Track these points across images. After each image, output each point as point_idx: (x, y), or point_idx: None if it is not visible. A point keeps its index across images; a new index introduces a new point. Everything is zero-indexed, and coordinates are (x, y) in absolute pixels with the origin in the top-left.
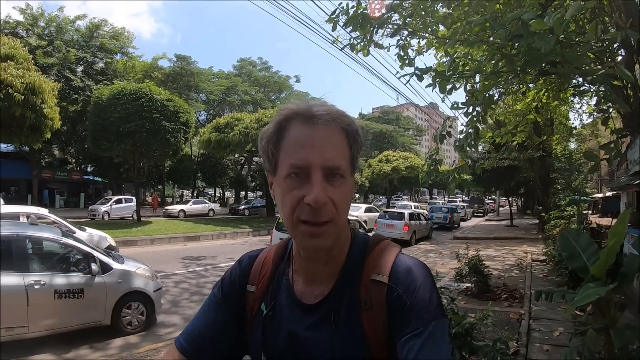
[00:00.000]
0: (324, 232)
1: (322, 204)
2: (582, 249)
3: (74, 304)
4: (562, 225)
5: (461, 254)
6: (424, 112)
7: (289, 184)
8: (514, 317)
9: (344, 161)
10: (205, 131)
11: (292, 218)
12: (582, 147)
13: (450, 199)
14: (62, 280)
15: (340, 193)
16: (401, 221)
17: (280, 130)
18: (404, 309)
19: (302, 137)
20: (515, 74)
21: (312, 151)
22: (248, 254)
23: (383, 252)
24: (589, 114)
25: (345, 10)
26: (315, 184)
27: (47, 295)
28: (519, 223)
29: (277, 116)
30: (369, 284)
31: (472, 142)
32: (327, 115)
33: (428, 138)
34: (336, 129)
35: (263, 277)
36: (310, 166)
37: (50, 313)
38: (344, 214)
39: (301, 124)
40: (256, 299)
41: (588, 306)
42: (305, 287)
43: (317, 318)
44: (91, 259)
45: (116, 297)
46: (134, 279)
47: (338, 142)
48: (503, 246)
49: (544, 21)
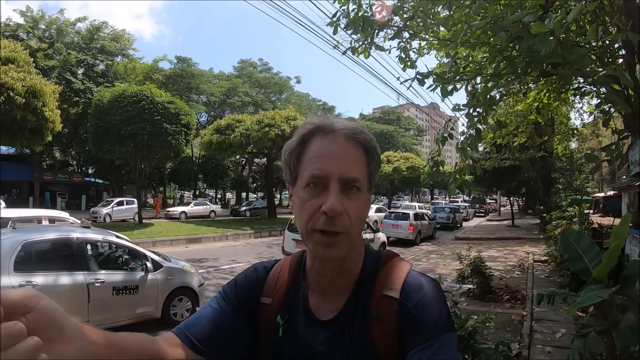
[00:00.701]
0: (337, 242)
1: (337, 214)
2: (584, 251)
3: (130, 299)
4: (564, 226)
5: (463, 255)
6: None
7: (307, 193)
8: (516, 319)
9: (361, 175)
10: (206, 133)
11: (307, 226)
12: (583, 147)
13: (451, 199)
14: (120, 278)
15: (355, 206)
16: (406, 221)
17: (303, 143)
18: (415, 323)
19: (323, 149)
20: (516, 76)
21: (331, 162)
22: (263, 264)
23: (395, 268)
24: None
25: (346, 13)
26: (332, 194)
27: (106, 291)
28: (521, 223)
29: (301, 129)
30: (380, 298)
31: (473, 143)
32: (348, 130)
33: (429, 138)
34: (356, 144)
35: (279, 290)
36: (328, 176)
37: (108, 308)
38: (358, 226)
39: (322, 137)
40: (272, 312)
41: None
42: (319, 300)
43: (332, 333)
44: (144, 258)
45: (166, 292)
46: (182, 275)
47: (356, 156)
48: (505, 246)
49: (544, 24)
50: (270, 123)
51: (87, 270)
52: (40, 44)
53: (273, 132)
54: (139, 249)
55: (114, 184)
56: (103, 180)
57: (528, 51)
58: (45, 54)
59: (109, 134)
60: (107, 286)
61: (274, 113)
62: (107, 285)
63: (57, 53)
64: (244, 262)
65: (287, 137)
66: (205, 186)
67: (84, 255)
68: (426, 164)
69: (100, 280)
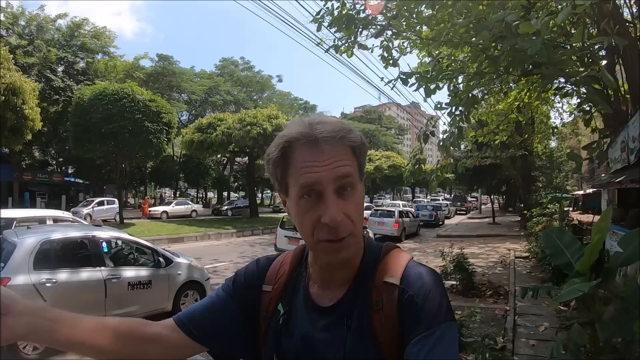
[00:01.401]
0: (347, 245)
1: (339, 222)
2: (566, 245)
3: (143, 294)
4: (545, 223)
5: (446, 252)
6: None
7: (303, 206)
8: (500, 313)
9: (352, 170)
10: (188, 132)
11: (313, 238)
12: (562, 146)
13: (432, 197)
14: (134, 274)
15: (353, 205)
16: (391, 219)
17: (285, 154)
18: (415, 310)
19: (309, 159)
20: (498, 75)
21: (320, 169)
22: (266, 256)
23: (395, 258)
24: (570, 113)
25: (330, 11)
26: (330, 203)
27: (122, 287)
28: (501, 220)
29: (279, 139)
30: (381, 285)
31: (455, 142)
32: (330, 137)
33: (410, 137)
34: (341, 146)
35: (280, 278)
36: (321, 183)
37: (124, 303)
38: (360, 223)
39: (306, 146)
40: (272, 298)
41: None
42: (320, 290)
43: (331, 320)
44: (156, 254)
45: (177, 286)
46: (190, 270)
47: (344, 156)
48: (486, 243)
49: (531, 24)
50: (252, 122)
51: (104, 266)
52: (20, 41)
53: (255, 131)
54: (150, 245)
55: (94, 183)
56: (83, 180)
57: (511, 50)
58: (25, 51)
59: (90, 133)
60: (123, 282)
61: (256, 112)
62: (123, 280)
63: (37, 50)
64: (227, 261)
65: (268, 135)
66: (187, 185)
67: (100, 253)
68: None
69: (117, 276)
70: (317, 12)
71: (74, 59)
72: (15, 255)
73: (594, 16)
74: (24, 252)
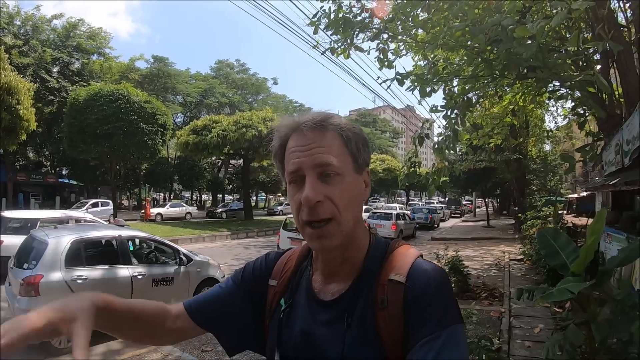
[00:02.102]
0: (328, 232)
1: (314, 201)
2: (561, 247)
3: (166, 290)
4: (539, 225)
5: (441, 255)
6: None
7: (291, 191)
8: (495, 315)
9: (337, 159)
10: (183, 133)
11: (299, 221)
12: (556, 149)
13: (427, 200)
14: (158, 271)
15: (338, 190)
16: (389, 221)
17: (282, 145)
18: (421, 310)
19: (294, 145)
20: (493, 78)
21: (301, 155)
22: (275, 251)
23: (402, 255)
24: (564, 117)
25: (327, 13)
26: (307, 184)
27: (147, 284)
28: (496, 223)
29: (276, 133)
30: (386, 283)
31: (450, 145)
32: (310, 122)
33: (405, 140)
34: (324, 132)
35: (285, 274)
36: (302, 169)
37: (148, 298)
38: (346, 211)
39: (294, 134)
40: (276, 293)
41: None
42: (324, 284)
43: (332, 315)
44: (177, 253)
45: (196, 283)
46: (208, 267)
47: (328, 142)
48: (481, 246)
49: (527, 28)
50: (247, 124)
51: (130, 264)
52: (16, 41)
53: (250, 133)
54: (172, 244)
55: (88, 185)
56: (77, 181)
57: (506, 54)
58: (20, 51)
59: (85, 134)
60: (148, 279)
61: (251, 114)
62: (148, 277)
63: (33, 50)
64: (222, 263)
65: (263, 138)
66: (181, 187)
67: (127, 251)
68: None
69: (142, 273)
70: (313, 15)
71: (70, 59)
72: (47, 254)
73: (588, 20)
74: (56, 251)
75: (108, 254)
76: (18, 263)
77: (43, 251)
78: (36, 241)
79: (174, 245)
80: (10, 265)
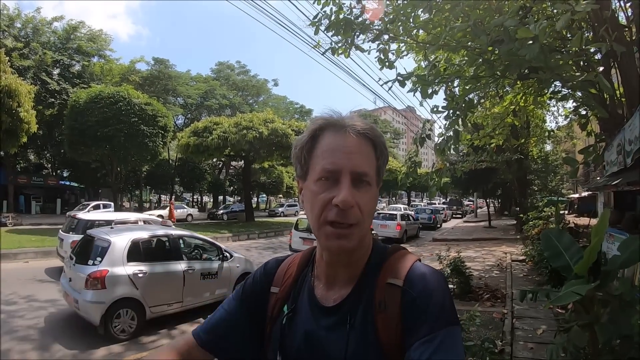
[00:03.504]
0: (350, 234)
1: (349, 206)
2: (565, 248)
3: (212, 283)
4: (541, 226)
5: (442, 256)
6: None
7: (319, 187)
8: (497, 317)
9: (371, 170)
10: (184, 135)
11: (320, 219)
12: (557, 149)
13: (429, 201)
14: (206, 265)
15: (366, 199)
16: (394, 221)
17: (314, 138)
18: (418, 312)
19: (334, 144)
20: (494, 79)
21: (343, 157)
22: (275, 258)
23: (400, 259)
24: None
25: (327, 15)
26: (344, 187)
27: (196, 277)
28: (497, 224)
29: (312, 125)
30: (384, 287)
31: (452, 145)
32: (359, 126)
33: (405, 141)
34: (366, 140)
35: (287, 280)
36: (340, 170)
37: (197, 291)
38: (368, 219)
39: (334, 132)
40: (278, 300)
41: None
42: (326, 290)
43: (334, 320)
44: (220, 250)
45: (235, 277)
46: (245, 263)
47: (366, 151)
48: (482, 247)
49: (529, 29)
50: (248, 125)
51: (182, 260)
52: (16, 43)
53: (251, 135)
54: (215, 242)
55: (89, 187)
56: (78, 183)
57: (508, 54)
58: (21, 54)
59: (85, 136)
60: (197, 273)
61: (252, 116)
62: (197, 272)
63: (33, 53)
64: None
65: (264, 139)
66: (182, 189)
67: (178, 248)
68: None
69: (192, 268)
70: (314, 16)
71: (70, 61)
72: (111, 251)
73: (589, 20)
74: (119, 249)
75: (162, 251)
76: (80, 260)
77: (107, 249)
78: (98, 240)
79: (216, 243)
80: (69, 262)
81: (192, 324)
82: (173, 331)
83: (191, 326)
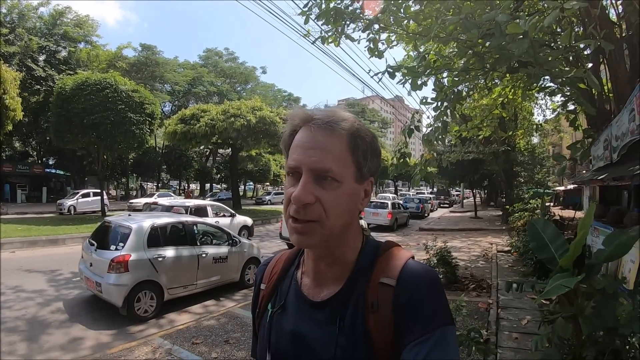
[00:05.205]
0: (308, 231)
1: (302, 202)
2: (550, 240)
3: (222, 267)
4: (526, 217)
5: (429, 246)
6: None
7: (288, 182)
8: (483, 307)
9: (337, 165)
10: (171, 123)
11: (286, 213)
12: (544, 142)
13: (416, 190)
14: (217, 250)
15: (331, 196)
16: (385, 210)
17: (292, 135)
18: (411, 314)
19: (298, 140)
20: (484, 71)
21: (302, 153)
22: (269, 256)
23: (393, 257)
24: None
25: (318, 3)
26: (300, 184)
27: (208, 261)
28: (483, 215)
29: (290, 121)
30: (376, 286)
31: (440, 136)
32: (321, 120)
33: (393, 130)
34: (332, 133)
35: (273, 276)
36: (300, 167)
37: (209, 273)
38: (335, 217)
39: (303, 129)
40: (264, 296)
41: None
42: (314, 287)
43: (323, 317)
44: (229, 236)
45: (243, 261)
46: (251, 248)
47: (332, 145)
48: (468, 237)
49: (519, 25)
50: (236, 113)
51: (196, 245)
52: (1, 29)
53: (238, 123)
54: (224, 228)
55: (75, 175)
56: (64, 171)
57: (498, 48)
58: (6, 40)
59: (71, 123)
60: (209, 257)
61: (240, 103)
62: (209, 256)
63: (19, 39)
64: None
65: (252, 127)
66: (169, 177)
67: (193, 234)
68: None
69: (206, 252)
70: (304, 4)
71: (56, 48)
72: (132, 237)
73: (580, 16)
74: (140, 234)
75: (178, 236)
76: (101, 245)
77: (128, 235)
78: (118, 226)
79: (225, 229)
80: (89, 248)
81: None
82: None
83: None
